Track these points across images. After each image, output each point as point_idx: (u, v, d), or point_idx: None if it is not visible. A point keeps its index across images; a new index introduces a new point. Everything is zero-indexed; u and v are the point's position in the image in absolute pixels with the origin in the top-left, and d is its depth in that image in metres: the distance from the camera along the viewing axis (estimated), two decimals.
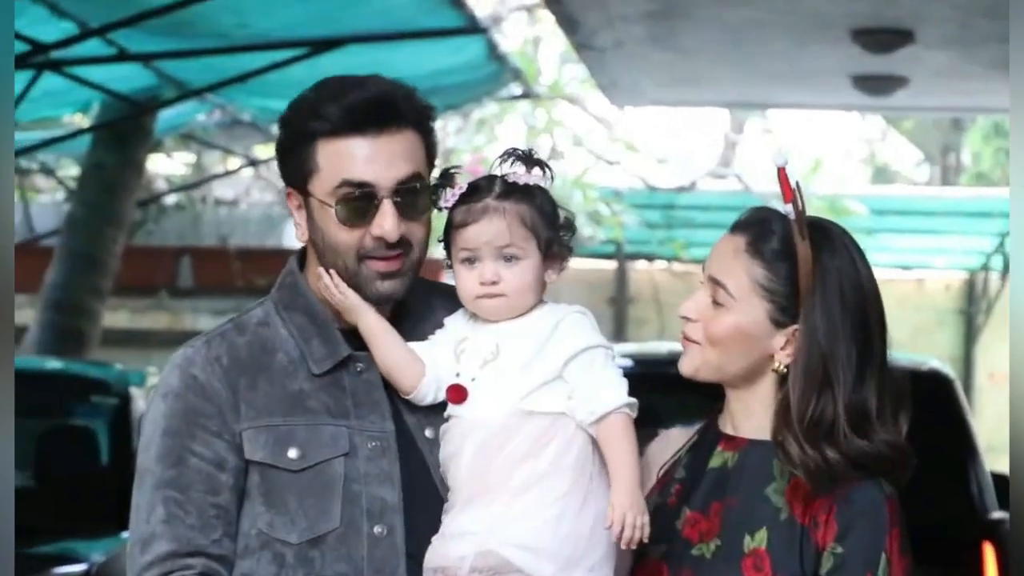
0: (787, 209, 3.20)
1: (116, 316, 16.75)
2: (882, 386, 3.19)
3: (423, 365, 3.32)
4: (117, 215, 12.82)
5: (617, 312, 21.77)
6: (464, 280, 3.33)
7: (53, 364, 10.07)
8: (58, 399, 8.48)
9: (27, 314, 13.98)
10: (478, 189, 3.34)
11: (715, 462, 3.26)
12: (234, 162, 17.97)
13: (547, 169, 3.39)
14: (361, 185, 3.30)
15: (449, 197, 3.34)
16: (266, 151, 16.92)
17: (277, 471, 3.31)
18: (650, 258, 21.49)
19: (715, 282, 3.21)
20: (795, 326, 3.17)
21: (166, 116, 13.22)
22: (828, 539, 3.10)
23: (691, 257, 19.96)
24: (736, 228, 3.25)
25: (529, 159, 3.38)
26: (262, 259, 19.68)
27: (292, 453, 3.31)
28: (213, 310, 19.16)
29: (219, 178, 19.42)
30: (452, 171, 3.39)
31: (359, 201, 3.31)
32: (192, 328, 19.24)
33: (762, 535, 3.14)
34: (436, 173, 3.41)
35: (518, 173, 3.35)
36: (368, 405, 3.37)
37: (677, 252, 19.94)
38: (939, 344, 21.76)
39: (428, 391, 3.34)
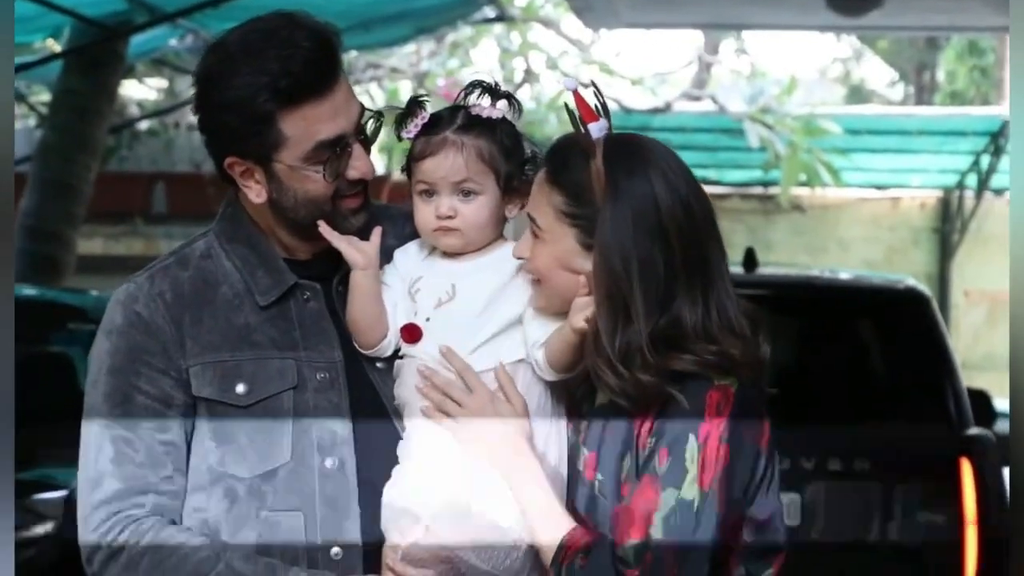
0: (594, 128, 3.15)
1: (91, 243, 16.78)
2: (705, 301, 3.11)
3: (387, 328, 3.31)
4: (90, 141, 12.79)
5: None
6: (421, 212, 3.31)
7: (29, 292, 10.06)
8: (34, 326, 8.48)
9: None
10: (440, 121, 3.31)
11: (601, 399, 3.24)
12: None
13: (513, 102, 3.36)
14: (335, 142, 3.29)
15: (411, 128, 3.32)
16: None
17: (225, 407, 3.31)
18: None
19: (530, 218, 3.21)
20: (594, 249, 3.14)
21: (138, 41, 13.18)
22: (645, 436, 3.10)
23: None
24: (544, 160, 3.23)
25: (494, 91, 3.34)
26: None
27: (240, 388, 3.31)
28: (188, 236, 19.08)
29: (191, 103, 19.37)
30: (420, 99, 3.35)
31: (337, 155, 3.29)
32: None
33: (628, 460, 3.13)
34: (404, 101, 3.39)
35: (481, 106, 3.32)
36: (316, 335, 3.36)
37: None
38: (914, 262, 21.84)
39: (388, 347, 3.34)
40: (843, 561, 7.83)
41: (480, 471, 3.21)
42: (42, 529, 6.79)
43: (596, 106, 3.16)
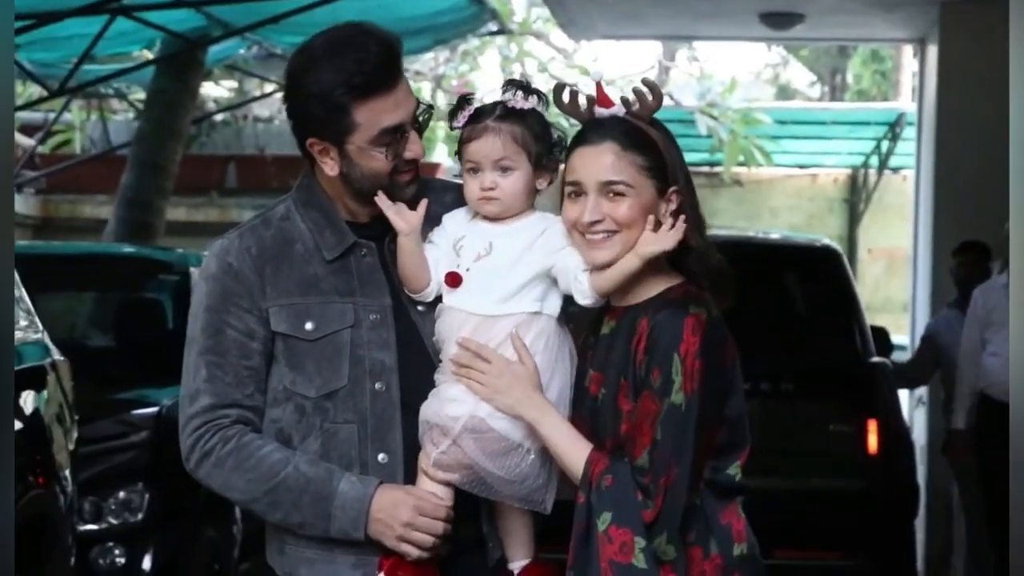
0: (610, 111, 3.23)
1: (177, 211, 16.71)
2: None
3: (429, 278, 3.29)
4: (176, 130, 12.75)
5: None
6: (468, 185, 3.29)
7: (128, 249, 10.04)
8: (133, 277, 8.46)
9: (107, 210, 13.96)
10: (482, 112, 3.28)
11: (604, 330, 3.25)
12: (269, 87, 17.87)
13: (542, 97, 3.32)
14: (396, 128, 3.27)
15: (460, 119, 3.29)
16: None
17: (297, 340, 3.29)
18: None
19: (609, 183, 3.19)
20: (672, 188, 3.20)
21: (214, 51, 13.12)
22: (640, 357, 3.12)
23: None
24: (595, 138, 3.22)
25: (527, 88, 3.31)
26: (292, 164, 19.54)
27: (308, 326, 3.29)
28: (254, 206, 19.07)
29: (257, 100, 19.30)
30: (468, 97, 3.33)
31: (396, 140, 3.28)
32: (237, 220, 19.15)
33: (623, 378, 3.15)
34: (454, 100, 3.36)
35: (515, 99, 3.28)
36: (371, 284, 3.33)
37: None
38: (829, 226, 21.81)
39: (431, 293, 3.31)
40: (774, 462, 7.83)
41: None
42: (137, 437, 6.76)
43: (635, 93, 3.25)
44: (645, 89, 3.22)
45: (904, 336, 12.08)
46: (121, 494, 6.49)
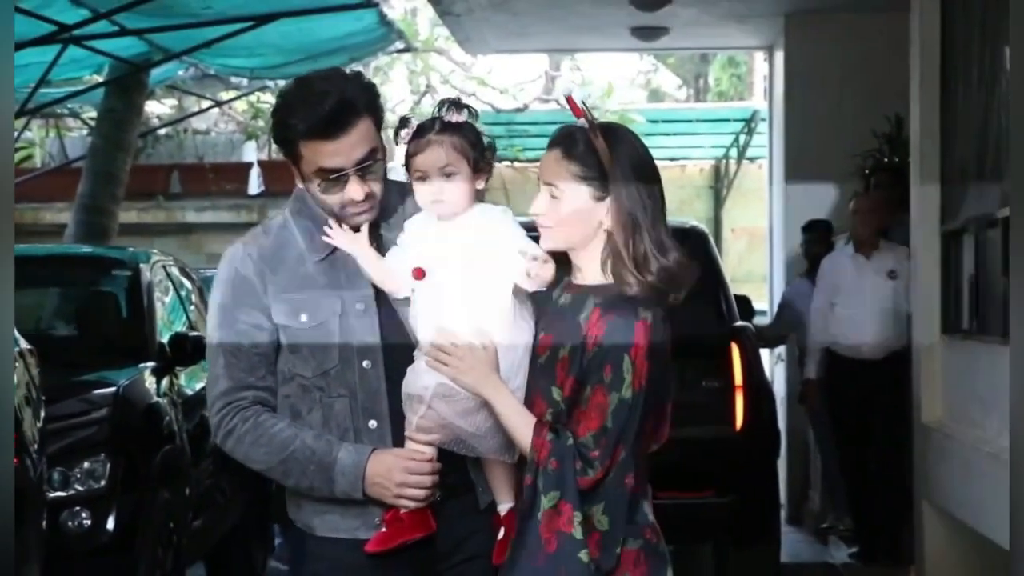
0: (581, 122, 3.23)
1: (128, 214, 16.53)
2: (665, 225, 3.22)
3: (396, 279, 3.35)
4: (125, 143, 12.62)
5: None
6: (419, 192, 3.35)
7: (86, 249, 9.93)
8: (91, 274, 8.36)
9: (66, 216, 13.77)
10: (424, 128, 3.35)
11: (562, 300, 3.28)
12: (205, 103, 17.72)
13: (473, 111, 3.39)
14: (332, 171, 3.34)
15: (404, 136, 3.36)
16: (227, 95, 16.68)
17: (294, 329, 3.40)
18: (498, 160, 21.42)
19: (548, 184, 3.22)
20: (611, 196, 3.19)
21: (156, 73, 13.00)
22: (592, 345, 3.14)
23: (526, 158, 19.97)
24: (552, 144, 3.26)
25: (459, 105, 3.38)
26: (228, 170, 19.46)
27: (303, 317, 3.40)
28: (196, 207, 18.97)
29: (195, 115, 19.13)
30: (406, 118, 3.39)
31: (332, 180, 3.35)
32: (182, 221, 19.02)
33: (568, 347, 3.18)
34: (396, 120, 3.42)
35: (451, 115, 3.34)
36: (355, 277, 3.42)
37: (516, 155, 19.92)
38: (697, 210, 21.95)
39: (402, 290, 3.37)
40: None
41: None
42: (98, 414, 6.70)
43: (583, 107, 3.23)
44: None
45: (764, 303, 12.20)
46: (85, 464, 6.43)
